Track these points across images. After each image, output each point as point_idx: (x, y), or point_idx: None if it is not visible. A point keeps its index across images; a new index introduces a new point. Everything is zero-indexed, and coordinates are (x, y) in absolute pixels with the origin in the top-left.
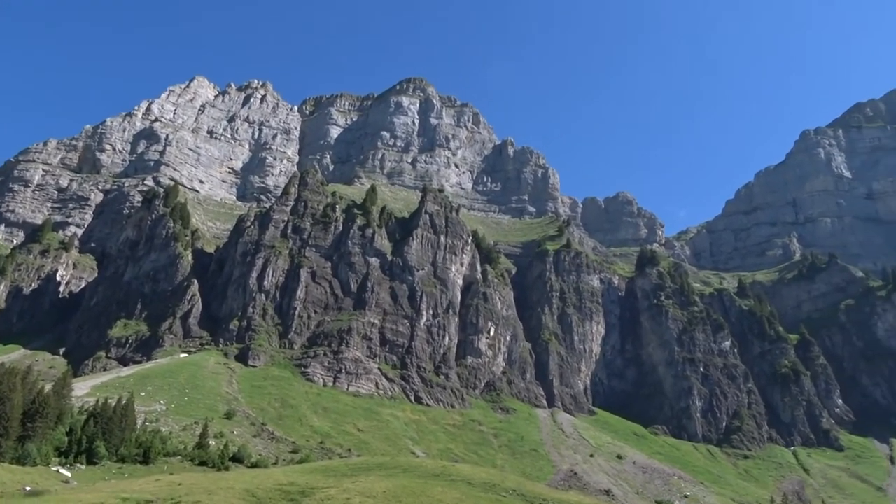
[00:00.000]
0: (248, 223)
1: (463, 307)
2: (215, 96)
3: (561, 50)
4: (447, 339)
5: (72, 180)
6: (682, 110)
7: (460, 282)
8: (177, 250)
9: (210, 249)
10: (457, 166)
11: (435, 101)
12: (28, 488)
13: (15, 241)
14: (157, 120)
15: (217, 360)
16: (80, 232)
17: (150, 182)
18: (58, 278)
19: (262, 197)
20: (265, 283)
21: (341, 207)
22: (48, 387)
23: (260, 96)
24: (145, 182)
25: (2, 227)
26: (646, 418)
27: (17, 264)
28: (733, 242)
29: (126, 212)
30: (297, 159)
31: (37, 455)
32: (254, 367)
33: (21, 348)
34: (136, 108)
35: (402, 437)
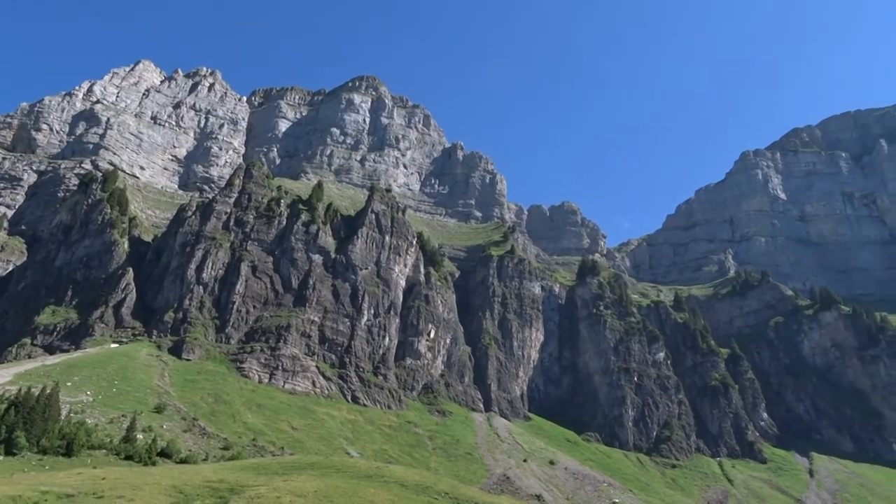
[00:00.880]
0: (190, 213)
1: (404, 308)
2: (161, 81)
3: (515, 57)
4: (387, 339)
5: (4, 159)
6: (631, 124)
7: (403, 283)
8: (112, 237)
9: (148, 238)
10: (405, 167)
11: (387, 101)
12: None
13: None
14: (98, 102)
15: (149, 352)
16: (10, 213)
17: (87, 165)
18: None
19: (206, 187)
20: (204, 275)
21: (286, 202)
22: None
23: (208, 84)
24: (83, 165)
25: None
26: (579, 425)
27: None
28: (672, 256)
29: (61, 195)
30: (243, 151)
31: None
32: (188, 360)
33: None
34: (77, 88)
35: (336, 437)
